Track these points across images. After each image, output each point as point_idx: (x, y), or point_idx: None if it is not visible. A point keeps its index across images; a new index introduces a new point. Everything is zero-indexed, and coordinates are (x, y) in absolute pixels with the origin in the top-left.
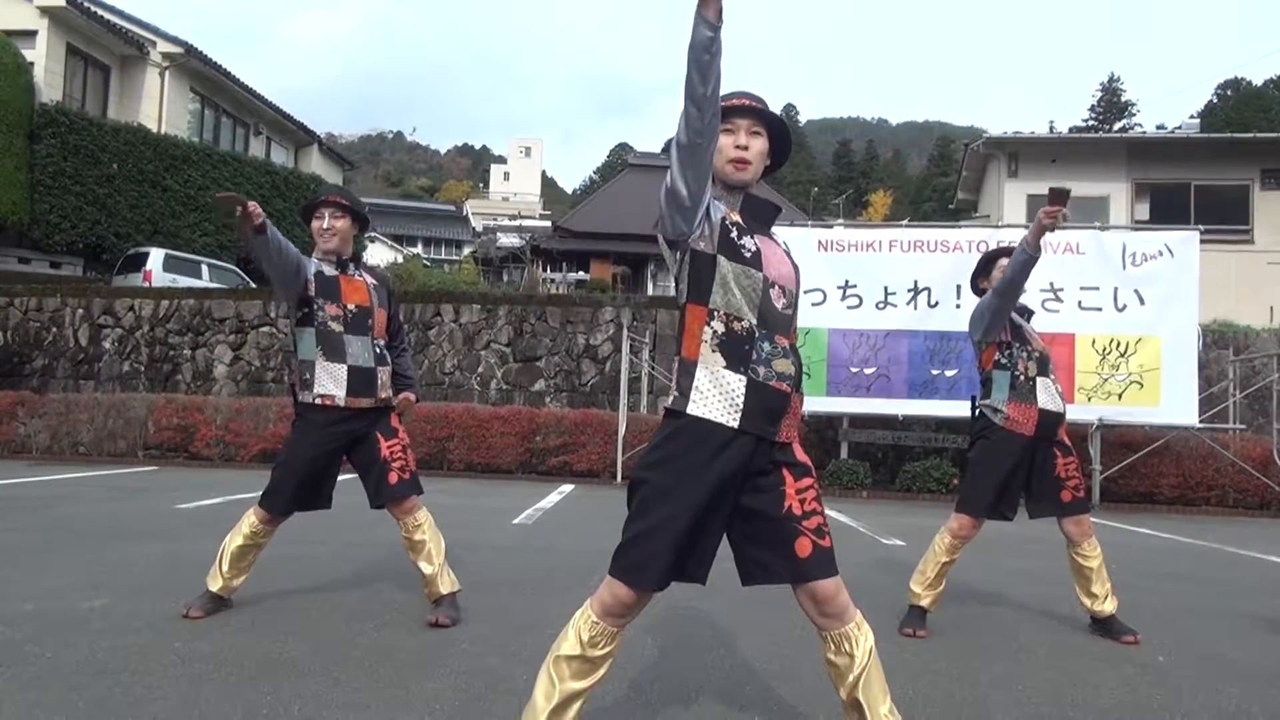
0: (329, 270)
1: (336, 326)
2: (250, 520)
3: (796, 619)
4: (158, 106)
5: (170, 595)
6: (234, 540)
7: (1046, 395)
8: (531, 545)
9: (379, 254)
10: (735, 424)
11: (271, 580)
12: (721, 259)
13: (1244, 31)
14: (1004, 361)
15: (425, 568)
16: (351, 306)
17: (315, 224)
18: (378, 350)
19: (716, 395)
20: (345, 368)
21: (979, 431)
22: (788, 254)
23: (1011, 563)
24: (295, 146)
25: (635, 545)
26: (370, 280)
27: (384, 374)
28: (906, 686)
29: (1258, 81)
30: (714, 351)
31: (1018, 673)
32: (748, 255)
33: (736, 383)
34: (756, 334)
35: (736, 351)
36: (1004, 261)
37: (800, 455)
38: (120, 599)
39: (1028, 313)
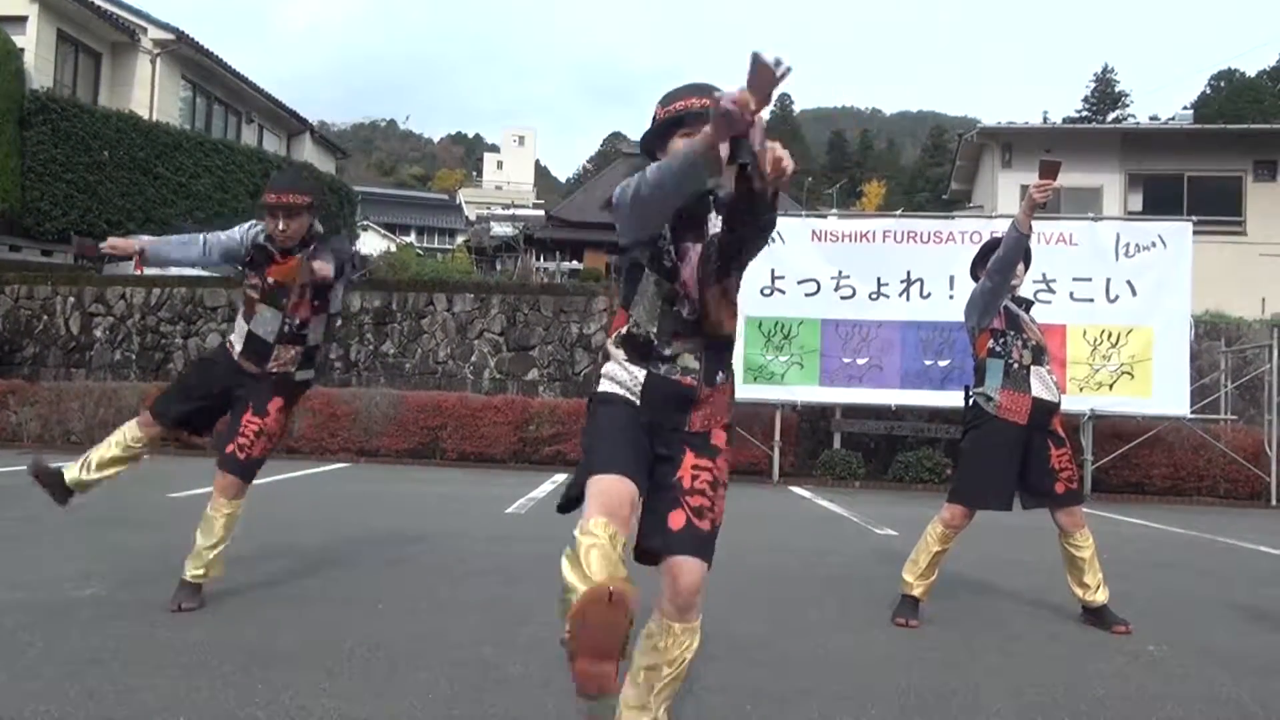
0: (269, 245)
1: (253, 294)
2: (130, 428)
3: (792, 609)
4: (149, 93)
5: (162, 585)
6: (107, 450)
7: (1040, 384)
8: (524, 535)
9: (372, 242)
10: (637, 402)
11: (262, 570)
12: (648, 271)
13: (1237, 23)
14: (998, 349)
15: (198, 540)
16: (271, 280)
17: (270, 223)
18: (286, 329)
19: (622, 379)
20: (247, 330)
21: (972, 421)
22: (711, 240)
23: (1003, 552)
24: (288, 134)
25: (591, 453)
26: (315, 264)
27: (285, 352)
28: (899, 676)
29: (1251, 73)
30: (619, 347)
31: (1010, 662)
32: (667, 267)
33: (637, 372)
34: (658, 336)
35: (641, 349)
36: (1019, 268)
37: (715, 440)
38: (111, 588)
39: (1026, 303)
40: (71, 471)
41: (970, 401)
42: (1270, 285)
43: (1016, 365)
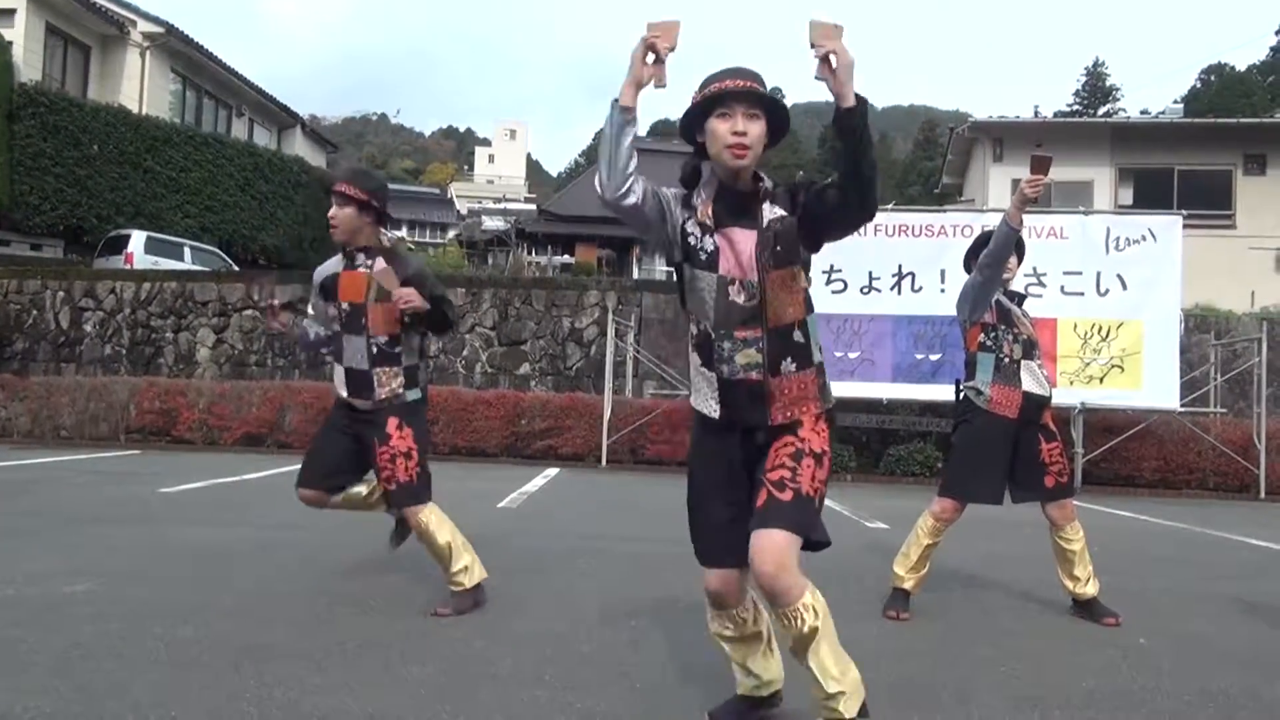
0: (335, 268)
1: (336, 326)
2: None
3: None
4: (138, 87)
5: (153, 580)
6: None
7: (1031, 378)
8: (517, 529)
9: None
10: (717, 414)
11: (254, 566)
12: (686, 266)
13: (1228, 17)
14: (988, 343)
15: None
16: (345, 305)
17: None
18: (374, 350)
19: (704, 388)
20: (343, 370)
21: (962, 414)
22: (769, 227)
23: (993, 546)
24: (278, 128)
25: (691, 529)
26: (379, 268)
27: (384, 374)
28: (890, 670)
29: (1241, 67)
30: (693, 351)
31: (1000, 655)
32: (703, 258)
33: (711, 377)
34: (713, 335)
35: (709, 352)
36: (1012, 262)
37: (805, 431)
38: (103, 584)
39: (1019, 297)
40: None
41: (961, 395)
42: (1259, 279)
43: (1007, 360)
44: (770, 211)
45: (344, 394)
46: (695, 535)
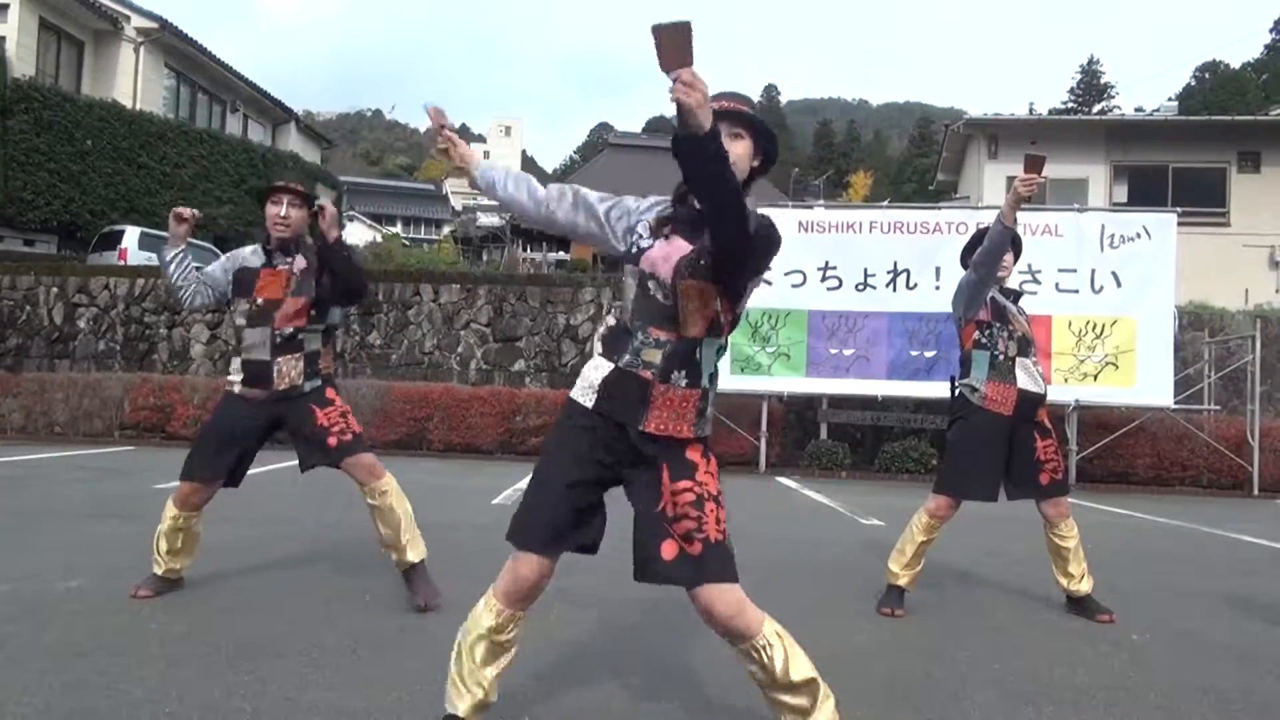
0: (254, 262)
1: (241, 321)
2: (167, 509)
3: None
4: (132, 83)
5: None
6: (160, 526)
7: (1026, 376)
8: None
9: (358, 233)
10: (590, 404)
11: (248, 561)
12: (626, 264)
13: (1222, 15)
14: (984, 341)
15: (385, 532)
16: (259, 300)
17: (271, 209)
18: (277, 340)
19: (591, 376)
20: (240, 359)
21: (957, 412)
22: (707, 246)
23: (988, 543)
24: (273, 124)
25: (521, 507)
26: (299, 265)
27: (287, 365)
28: (884, 665)
29: (1235, 64)
30: (598, 341)
31: (994, 652)
32: (634, 252)
33: (604, 367)
34: (629, 326)
35: (616, 343)
36: (1006, 258)
37: (691, 454)
38: (97, 580)
39: (1014, 294)
40: (158, 569)
41: (956, 393)
42: (1253, 276)
43: (1002, 357)
44: None
45: (238, 388)
46: (523, 512)
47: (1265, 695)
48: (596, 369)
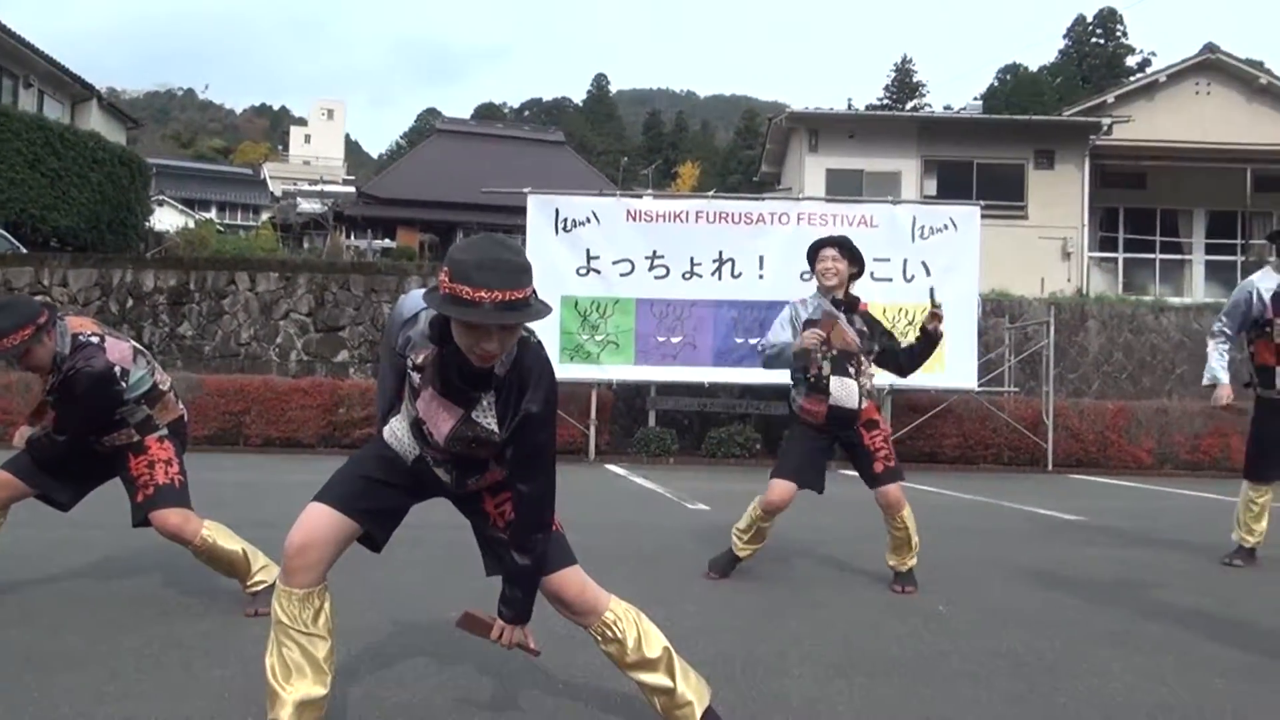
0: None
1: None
2: None
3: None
4: None
5: None
6: None
7: (841, 390)
8: None
9: (168, 218)
10: (409, 460)
11: (43, 567)
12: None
13: (1022, 18)
14: (798, 369)
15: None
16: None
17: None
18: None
19: (404, 438)
20: None
21: (789, 413)
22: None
23: (809, 522)
24: (72, 101)
25: (335, 476)
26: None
27: (117, 437)
28: (709, 645)
29: (1034, 67)
30: (404, 415)
31: (813, 628)
32: (412, 386)
33: (410, 452)
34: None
35: (414, 433)
36: (827, 251)
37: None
38: None
39: (852, 302)
40: None
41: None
42: (1048, 266)
43: (814, 378)
44: (482, 411)
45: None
46: (334, 480)
47: (1054, 656)
48: (409, 446)
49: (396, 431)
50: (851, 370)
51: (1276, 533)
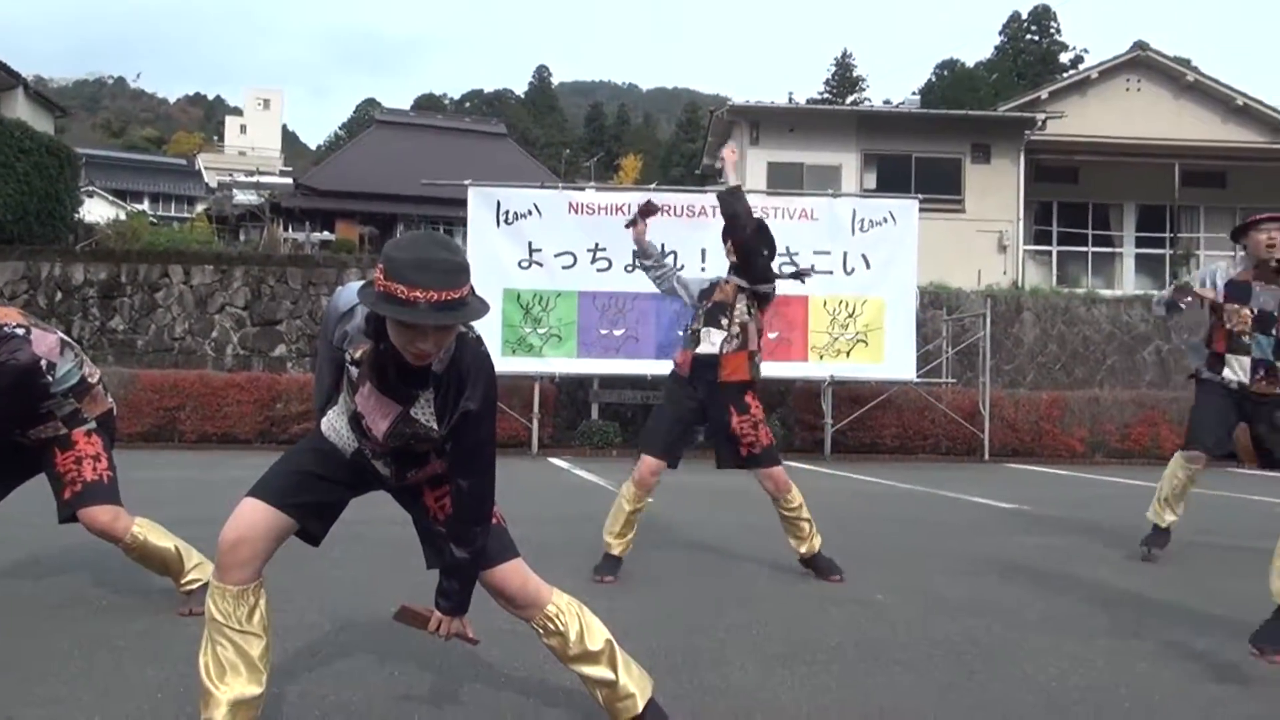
0: None
1: None
2: None
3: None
4: None
5: None
6: None
7: (707, 343)
8: None
9: (98, 210)
10: (347, 453)
11: None
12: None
13: (958, 15)
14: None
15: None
16: None
17: None
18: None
19: (343, 430)
20: None
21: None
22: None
23: (746, 518)
24: None
25: (275, 467)
26: None
27: (42, 430)
28: (649, 638)
29: (970, 63)
30: (343, 409)
31: (753, 619)
32: (350, 381)
33: (350, 446)
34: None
35: (353, 426)
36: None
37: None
38: None
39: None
40: None
41: None
42: (984, 259)
43: (690, 332)
44: (420, 406)
45: None
46: (268, 475)
47: (990, 643)
48: (339, 435)
49: (335, 424)
50: (723, 321)
51: (1199, 517)
